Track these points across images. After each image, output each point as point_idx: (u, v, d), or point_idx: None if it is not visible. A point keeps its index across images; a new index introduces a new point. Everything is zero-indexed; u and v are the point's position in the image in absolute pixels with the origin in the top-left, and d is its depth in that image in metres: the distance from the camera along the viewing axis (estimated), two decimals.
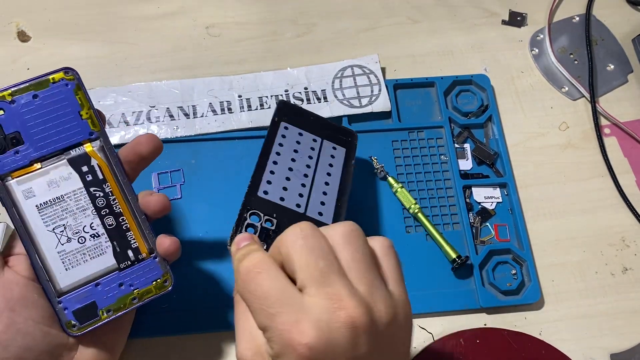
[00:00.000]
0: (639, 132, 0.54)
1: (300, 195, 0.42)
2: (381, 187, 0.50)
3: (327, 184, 0.44)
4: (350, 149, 0.47)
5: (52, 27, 0.58)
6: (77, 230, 0.34)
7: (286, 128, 0.46)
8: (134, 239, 0.35)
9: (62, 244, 0.34)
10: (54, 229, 0.33)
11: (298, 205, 0.42)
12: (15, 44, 0.57)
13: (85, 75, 0.55)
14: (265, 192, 0.42)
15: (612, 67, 0.58)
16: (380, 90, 0.54)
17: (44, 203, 0.33)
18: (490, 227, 0.49)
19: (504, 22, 0.60)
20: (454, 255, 0.46)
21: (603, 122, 0.55)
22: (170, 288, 0.36)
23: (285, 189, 0.42)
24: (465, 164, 0.52)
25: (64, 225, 0.34)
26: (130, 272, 0.35)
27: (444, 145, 0.52)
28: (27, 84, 0.34)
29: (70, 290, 0.34)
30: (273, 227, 0.40)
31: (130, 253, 0.35)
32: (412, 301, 0.46)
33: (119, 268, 0.35)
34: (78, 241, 0.34)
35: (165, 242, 0.36)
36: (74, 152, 0.34)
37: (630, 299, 0.47)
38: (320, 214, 0.42)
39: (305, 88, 0.54)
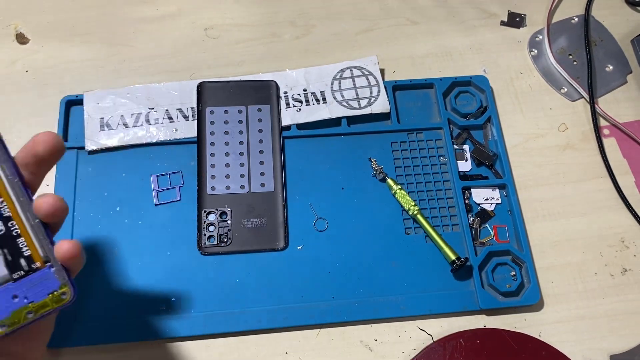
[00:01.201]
0: (638, 133, 0.54)
1: (242, 175, 0.47)
2: (380, 189, 0.50)
3: (261, 152, 0.47)
4: (273, 102, 0.50)
5: (50, 29, 0.58)
6: None
7: (212, 112, 0.49)
8: (26, 247, 0.32)
9: None
10: None
11: (242, 187, 0.48)
12: (13, 46, 0.57)
13: (84, 77, 0.56)
14: (213, 188, 0.47)
15: (611, 67, 0.58)
16: (379, 91, 0.54)
17: None
18: (489, 229, 0.49)
19: (502, 23, 0.60)
20: (453, 257, 0.46)
21: (602, 123, 0.55)
22: (69, 301, 0.32)
23: (227, 176, 0.47)
24: (465, 165, 0.51)
25: None
26: (24, 283, 0.31)
27: (443, 147, 0.52)
28: None
29: None
30: (229, 217, 0.45)
31: (22, 262, 0.31)
32: (411, 303, 0.46)
33: (12, 278, 0.31)
34: None
35: (63, 246, 0.31)
36: None
37: (629, 300, 0.47)
38: (262, 185, 0.48)
39: (304, 89, 0.54)
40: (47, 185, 0.50)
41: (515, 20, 0.60)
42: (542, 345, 0.44)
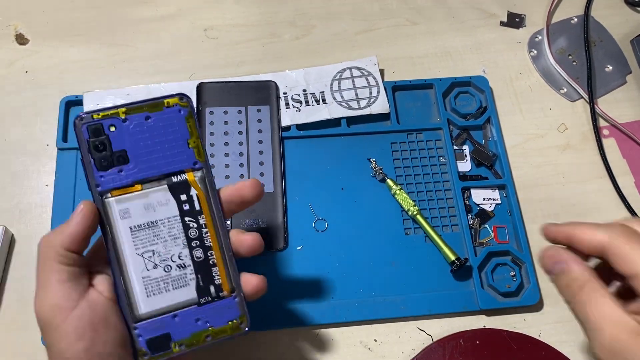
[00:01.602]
0: (638, 133, 0.54)
1: (241, 176, 0.46)
2: (380, 189, 0.50)
3: (261, 152, 0.47)
4: (273, 102, 0.50)
5: (50, 29, 0.58)
6: (165, 258, 0.33)
7: (211, 113, 0.49)
8: (218, 276, 0.34)
9: (148, 270, 0.32)
10: (142, 253, 0.32)
11: None
12: (13, 47, 0.57)
13: (84, 77, 0.56)
14: None
15: (611, 68, 0.58)
16: (379, 92, 0.54)
17: (138, 226, 0.32)
18: (489, 229, 0.49)
19: (502, 24, 0.60)
20: (452, 257, 0.46)
21: (602, 123, 0.55)
22: (245, 331, 0.34)
23: (227, 177, 0.46)
24: (464, 166, 0.52)
25: (153, 250, 0.32)
26: (208, 308, 0.33)
27: (442, 147, 0.52)
28: (142, 104, 0.33)
29: (147, 318, 0.32)
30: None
31: (212, 289, 0.33)
32: (411, 303, 0.46)
33: (199, 303, 0.33)
34: (164, 269, 0.33)
35: (253, 281, 0.35)
36: (175, 179, 0.33)
37: None
38: (262, 185, 0.46)
39: (304, 90, 0.54)
40: (47, 185, 0.50)
41: (514, 21, 0.60)
42: (542, 346, 0.44)
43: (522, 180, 0.52)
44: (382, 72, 0.56)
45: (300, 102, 0.53)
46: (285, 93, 0.53)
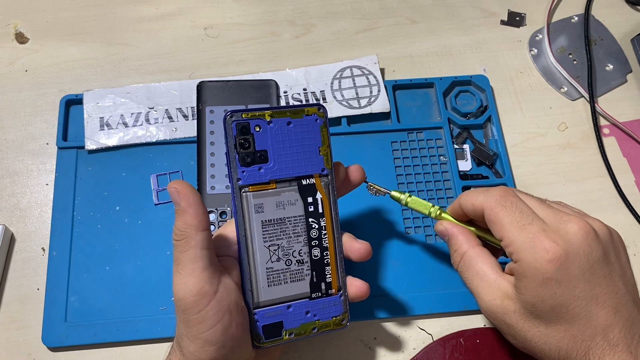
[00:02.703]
0: (638, 132, 0.54)
1: None
2: None
3: None
4: (273, 101, 0.51)
5: (50, 28, 0.58)
6: (287, 253, 0.36)
7: (212, 112, 0.49)
8: (329, 274, 0.37)
9: (272, 262, 0.35)
10: (269, 246, 0.35)
11: None
12: (13, 46, 0.57)
13: (84, 76, 0.56)
14: (213, 188, 0.48)
15: (611, 67, 0.58)
16: (379, 91, 0.54)
17: (269, 220, 0.35)
18: None
19: (502, 22, 0.60)
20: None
21: (602, 122, 0.55)
22: (345, 326, 0.38)
23: (227, 175, 0.47)
24: (465, 165, 0.51)
25: (278, 245, 0.35)
26: (317, 303, 0.37)
27: (443, 146, 0.52)
28: (285, 110, 0.35)
29: (265, 306, 0.35)
30: (229, 216, 0.46)
31: (323, 286, 0.37)
32: (411, 302, 0.46)
33: (310, 297, 0.36)
34: (285, 263, 0.36)
35: (357, 284, 0.38)
36: (305, 182, 0.36)
37: None
38: None
39: (304, 89, 0.54)
40: (47, 184, 0.50)
41: (515, 20, 0.60)
42: None
43: (522, 179, 0.52)
44: (382, 71, 0.56)
45: (301, 101, 0.53)
46: (285, 92, 0.53)
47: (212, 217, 0.48)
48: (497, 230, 0.35)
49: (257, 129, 0.35)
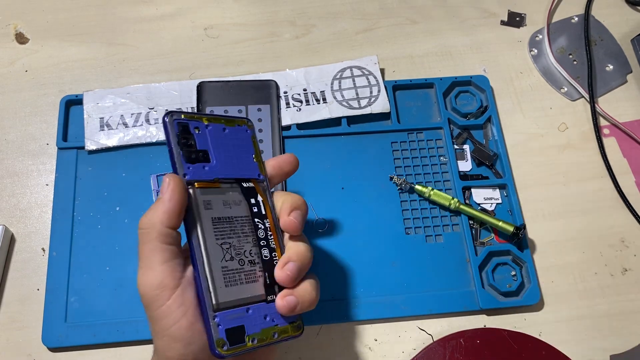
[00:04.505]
0: (638, 132, 0.54)
1: None
2: (381, 189, 0.50)
3: (261, 152, 0.48)
4: (273, 101, 0.51)
5: (50, 28, 0.58)
6: (239, 252, 0.35)
7: (212, 112, 0.49)
8: None
9: (226, 260, 0.34)
10: (222, 244, 0.34)
11: None
12: (13, 46, 0.57)
13: (84, 76, 0.56)
14: None
15: (611, 67, 0.58)
16: (379, 91, 0.54)
17: (218, 218, 0.35)
18: (489, 229, 0.49)
19: (502, 23, 0.60)
20: (511, 229, 0.46)
21: (602, 122, 0.55)
22: (301, 333, 0.36)
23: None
24: (465, 165, 0.51)
25: (230, 243, 0.35)
26: (273, 306, 0.35)
27: (443, 147, 0.52)
28: (219, 117, 0.37)
29: (225, 308, 0.33)
30: None
31: (276, 288, 0.35)
32: (411, 303, 0.46)
33: (266, 300, 0.35)
34: (238, 262, 0.35)
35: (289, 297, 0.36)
36: (245, 184, 0.37)
37: (629, 299, 0.47)
38: None
39: (304, 89, 0.54)
40: (47, 185, 0.50)
41: (515, 20, 0.60)
42: (542, 345, 0.44)
43: (522, 179, 0.52)
44: (382, 71, 0.56)
45: (301, 102, 0.53)
46: (285, 92, 0.53)
47: None
48: None
49: (197, 131, 0.36)
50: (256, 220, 0.36)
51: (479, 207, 0.50)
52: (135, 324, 0.45)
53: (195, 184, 0.34)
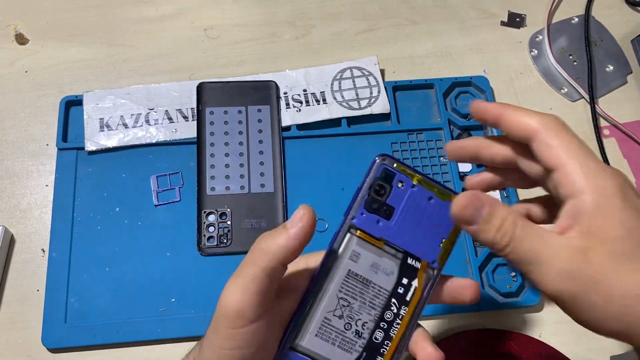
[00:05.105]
0: (638, 133, 0.54)
1: (242, 176, 0.48)
2: None
3: (261, 152, 0.48)
4: (273, 102, 0.51)
5: (50, 29, 0.58)
6: (352, 316, 0.32)
7: (212, 113, 0.50)
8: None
9: (334, 315, 0.31)
10: (341, 298, 0.31)
11: (242, 187, 0.48)
12: (13, 47, 0.57)
13: (84, 77, 0.56)
14: (213, 189, 0.48)
15: (611, 68, 0.58)
16: (379, 92, 0.54)
17: (355, 274, 0.32)
18: None
19: (502, 23, 0.60)
20: None
21: (602, 123, 0.55)
22: None
23: (227, 177, 0.48)
24: (465, 166, 0.51)
25: (349, 303, 0.32)
26: None
27: (443, 147, 0.52)
28: (435, 185, 0.32)
29: (302, 353, 0.31)
30: (229, 217, 0.47)
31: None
32: None
33: None
34: (344, 326, 0.32)
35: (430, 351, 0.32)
36: (410, 261, 0.32)
37: None
38: (262, 185, 0.49)
39: (304, 90, 0.54)
40: (47, 185, 0.50)
41: (515, 21, 0.60)
42: (542, 346, 0.44)
43: None
44: (382, 72, 0.56)
45: (301, 102, 0.53)
46: (285, 93, 0.53)
47: (212, 218, 0.48)
48: (555, 154, 0.29)
49: (400, 185, 0.32)
50: (393, 300, 0.32)
51: None
52: (135, 325, 0.45)
53: (358, 232, 0.32)
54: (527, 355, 0.44)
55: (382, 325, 0.32)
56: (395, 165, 0.32)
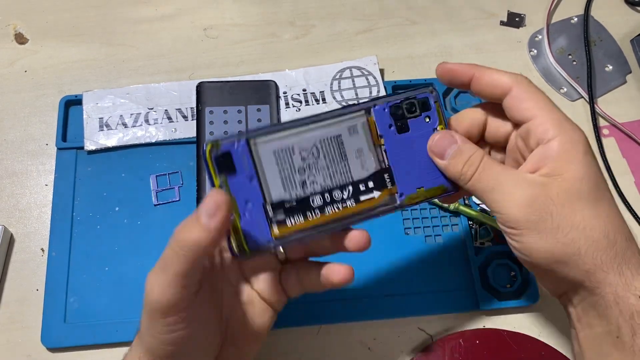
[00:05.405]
0: (638, 133, 0.54)
1: None
2: None
3: None
4: (273, 102, 0.50)
5: (49, 29, 0.58)
6: (311, 167, 0.32)
7: (211, 112, 0.50)
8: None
9: (300, 154, 0.32)
10: (314, 146, 0.32)
11: None
12: (12, 46, 0.57)
13: (83, 77, 0.56)
14: None
15: (611, 67, 0.58)
16: (379, 91, 0.54)
17: (341, 142, 0.33)
18: (489, 229, 0.49)
19: (502, 23, 0.60)
20: None
21: (602, 123, 0.55)
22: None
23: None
24: None
25: (318, 157, 0.32)
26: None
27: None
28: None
29: (250, 149, 0.31)
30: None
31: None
32: (411, 303, 0.46)
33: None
34: (298, 169, 0.32)
35: (340, 269, 0.35)
36: (385, 177, 0.34)
37: None
38: None
39: (304, 90, 0.54)
40: (46, 185, 0.50)
41: (514, 20, 0.60)
42: (542, 346, 0.44)
43: None
44: (382, 71, 0.56)
45: (300, 102, 0.53)
46: (285, 92, 0.53)
47: None
48: (528, 108, 0.32)
49: (427, 120, 0.35)
50: (350, 188, 0.33)
51: (479, 208, 0.50)
52: (135, 325, 0.44)
53: (370, 118, 0.33)
54: (527, 355, 0.44)
55: (325, 197, 0.33)
56: (435, 102, 0.34)
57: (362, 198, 0.33)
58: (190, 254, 0.29)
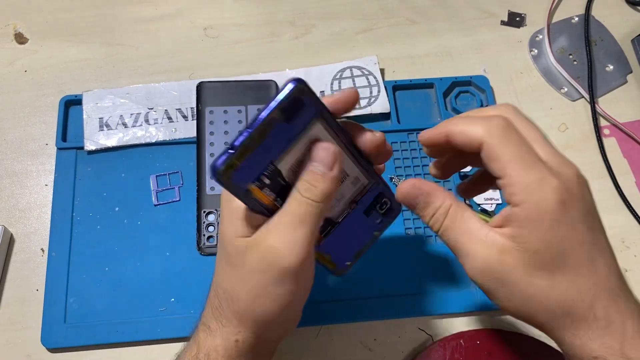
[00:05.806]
0: (639, 133, 0.54)
1: None
2: None
3: None
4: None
5: (49, 29, 0.58)
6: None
7: (211, 112, 0.50)
8: None
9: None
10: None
11: None
12: (12, 46, 0.57)
13: (83, 77, 0.56)
14: (212, 188, 0.48)
15: (612, 67, 0.58)
16: (379, 91, 0.54)
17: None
18: None
19: (502, 23, 0.60)
20: None
21: (602, 122, 0.55)
22: None
23: None
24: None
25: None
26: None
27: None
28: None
29: None
30: None
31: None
32: (411, 303, 0.46)
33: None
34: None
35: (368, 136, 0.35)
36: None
37: None
38: None
39: None
40: (46, 185, 0.50)
41: (515, 20, 0.60)
42: (542, 346, 0.44)
43: None
44: (382, 71, 0.56)
45: None
46: None
47: (211, 217, 0.48)
48: (498, 167, 0.30)
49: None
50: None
51: (479, 208, 0.50)
52: (135, 325, 0.44)
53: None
54: (527, 355, 0.44)
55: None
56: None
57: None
58: (322, 207, 0.31)
